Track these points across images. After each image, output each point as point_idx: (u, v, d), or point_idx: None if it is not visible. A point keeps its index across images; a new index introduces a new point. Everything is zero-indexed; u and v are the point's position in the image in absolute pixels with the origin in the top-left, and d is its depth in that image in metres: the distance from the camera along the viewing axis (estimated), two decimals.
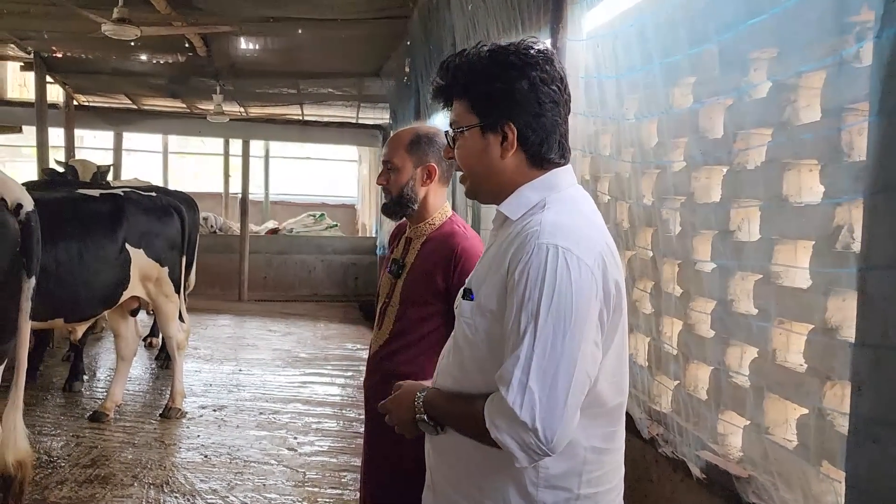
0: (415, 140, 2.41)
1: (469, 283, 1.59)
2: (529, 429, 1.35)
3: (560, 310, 1.38)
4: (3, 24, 7.52)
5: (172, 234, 5.45)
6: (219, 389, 6.50)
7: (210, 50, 8.39)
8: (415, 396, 1.63)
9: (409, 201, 2.40)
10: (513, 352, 1.39)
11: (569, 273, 1.39)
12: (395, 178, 2.40)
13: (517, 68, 1.51)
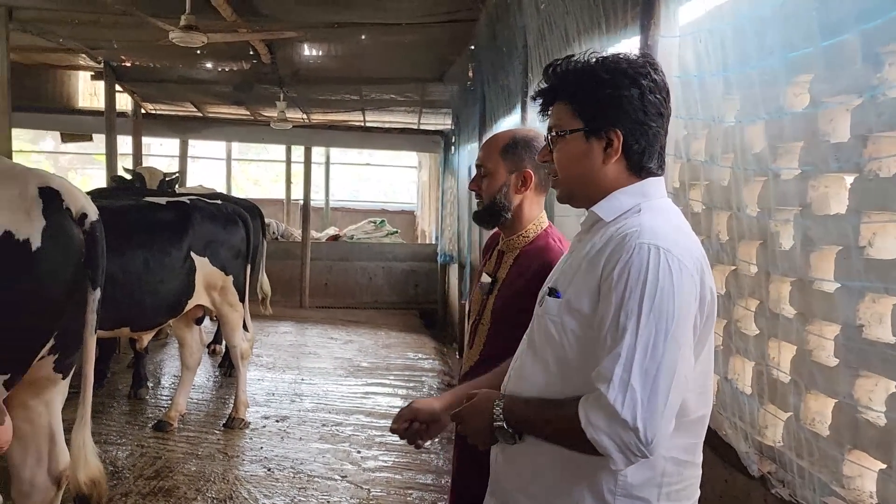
0: (511, 144, 2.26)
1: (554, 283, 1.60)
2: (630, 428, 1.33)
3: (662, 309, 1.38)
4: (75, 34, 7.65)
5: (237, 242, 5.39)
6: (281, 399, 6.43)
7: (274, 57, 8.39)
8: (492, 404, 1.60)
9: (501, 209, 2.25)
10: (612, 350, 1.38)
11: (670, 273, 1.40)
12: (487, 184, 2.26)
13: (628, 76, 1.53)
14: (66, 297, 2.75)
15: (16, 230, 2.58)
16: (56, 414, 3.00)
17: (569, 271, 1.58)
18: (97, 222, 2.82)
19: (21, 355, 2.69)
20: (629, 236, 1.45)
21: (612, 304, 1.41)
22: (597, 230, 1.58)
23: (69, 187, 2.80)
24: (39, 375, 2.85)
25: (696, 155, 2.85)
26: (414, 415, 1.90)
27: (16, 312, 2.61)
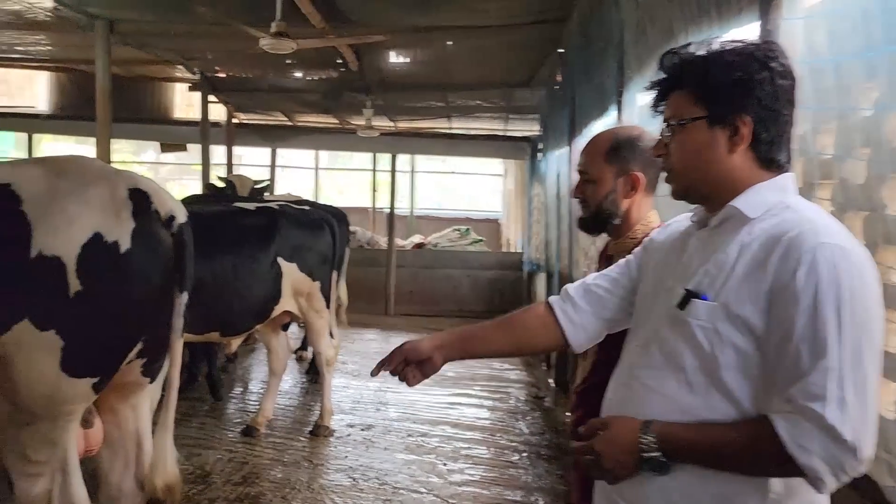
0: (615, 146, 2.12)
1: (696, 285, 1.43)
2: (849, 448, 1.23)
3: (861, 315, 1.28)
4: (172, 46, 7.87)
5: (324, 248, 5.35)
6: (366, 407, 6.36)
7: (362, 64, 8.40)
8: (636, 433, 1.42)
9: (609, 216, 2.11)
10: (814, 363, 1.26)
11: (861, 275, 1.30)
12: (593, 191, 2.13)
13: (757, 59, 1.43)
14: (154, 301, 2.71)
15: (105, 232, 2.56)
16: (144, 418, 2.97)
17: (715, 272, 1.42)
18: (185, 225, 2.77)
19: (110, 358, 2.66)
20: (802, 236, 1.32)
21: (800, 312, 1.28)
22: (735, 227, 1.44)
23: (157, 189, 2.76)
24: (127, 380, 2.83)
25: (824, 149, 2.56)
26: (406, 355, 1.82)
27: (105, 315, 2.58)
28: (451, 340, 1.83)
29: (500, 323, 1.85)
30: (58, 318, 2.50)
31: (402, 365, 1.82)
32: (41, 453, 2.60)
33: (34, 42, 8.23)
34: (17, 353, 2.47)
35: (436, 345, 1.82)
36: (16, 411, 2.53)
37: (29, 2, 6.47)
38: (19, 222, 2.49)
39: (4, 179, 2.57)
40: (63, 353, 2.52)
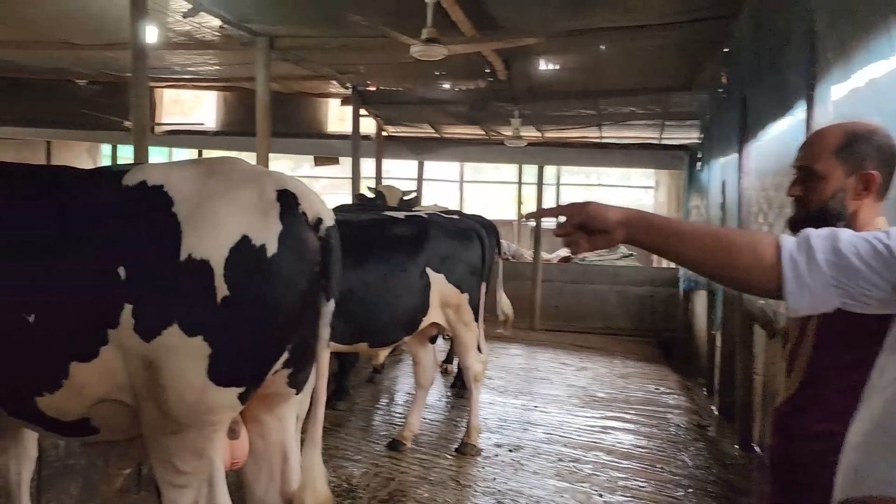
0: (848, 141, 1.85)
1: None
2: None
3: None
4: (327, 59, 8.03)
5: (473, 259, 5.14)
6: (514, 427, 6.07)
7: (510, 72, 8.19)
8: None
9: (834, 218, 1.81)
10: None
11: None
12: (817, 189, 1.87)
13: None
14: (300, 308, 2.57)
15: (253, 235, 2.45)
16: (289, 431, 2.85)
17: None
18: (333, 229, 2.62)
19: (256, 368, 2.55)
20: None
21: None
22: None
23: (306, 191, 2.63)
24: (272, 390, 2.71)
25: None
26: (584, 219, 1.49)
27: (251, 322, 2.47)
28: (643, 222, 1.50)
29: (707, 229, 1.56)
30: (205, 324, 2.42)
31: (574, 228, 1.51)
32: (188, 463, 2.52)
33: (203, 62, 8.70)
34: (166, 359, 2.41)
35: (623, 219, 1.50)
36: (164, 419, 2.47)
37: (198, 22, 6.78)
38: (170, 224, 2.43)
39: (157, 180, 2.53)
40: (210, 361, 2.43)
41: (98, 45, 7.65)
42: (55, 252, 2.52)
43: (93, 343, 2.46)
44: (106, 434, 2.72)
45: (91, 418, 2.63)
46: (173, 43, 7.51)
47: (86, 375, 2.50)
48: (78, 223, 2.54)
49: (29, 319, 2.52)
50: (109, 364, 2.48)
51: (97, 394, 2.54)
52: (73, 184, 2.75)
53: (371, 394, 6.97)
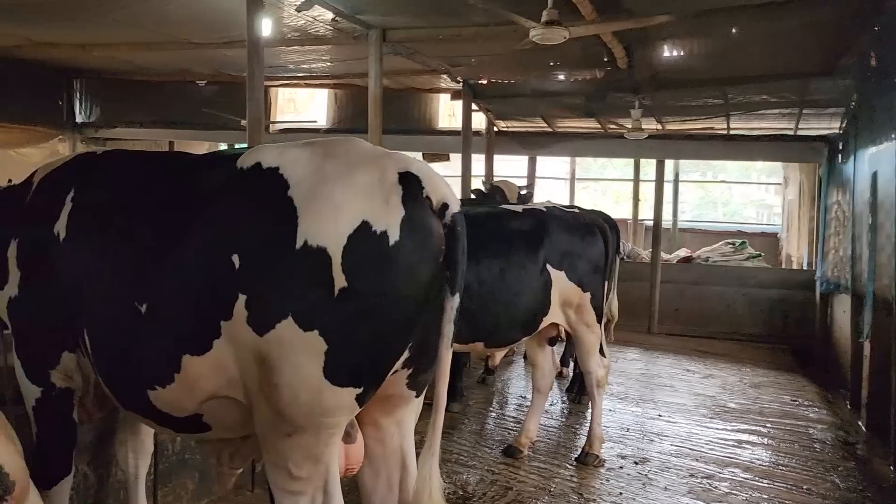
0: None
1: None
2: None
3: None
4: (439, 52, 7.83)
5: (595, 255, 4.78)
6: (638, 437, 5.65)
7: (631, 61, 7.72)
8: None
9: None
10: None
11: None
12: None
13: None
14: (422, 303, 2.33)
15: (373, 221, 2.23)
16: (408, 436, 2.63)
17: None
18: (459, 215, 2.36)
19: (375, 367, 2.33)
20: None
21: None
22: None
23: (430, 173, 2.39)
24: (392, 392, 2.49)
25: None
26: None
27: (370, 317, 2.24)
28: None
29: None
30: (322, 318, 2.21)
31: None
32: (303, 469, 2.33)
33: (316, 58, 8.72)
34: (281, 354, 2.22)
35: None
36: (278, 420, 2.28)
37: (312, 16, 6.74)
38: (286, 209, 2.25)
39: (273, 162, 2.35)
40: (326, 358, 2.22)
41: (216, 43, 7.78)
42: (167, 239, 2.40)
43: (205, 336, 2.31)
44: (218, 432, 2.59)
45: (203, 415, 2.49)
46: (287, 39, 7.52)
47: (198, 370, 2.36)
48: (191, 208, 2.41)
49: (141, 309, 2.41)
50: (222, 359, 2.32)
51: (209, 389, 2.40)
52: (186, 168, 2.64)
53: (483, 396, 6.71)
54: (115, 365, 2.60)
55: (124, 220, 2.57)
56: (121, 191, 2.66)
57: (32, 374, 2.87)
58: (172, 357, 2.38)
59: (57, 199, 2.77)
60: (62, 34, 8.09)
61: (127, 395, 2.63)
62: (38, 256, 2.76)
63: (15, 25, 7.56)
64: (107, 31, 7.80)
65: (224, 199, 2.36)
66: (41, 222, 2.77)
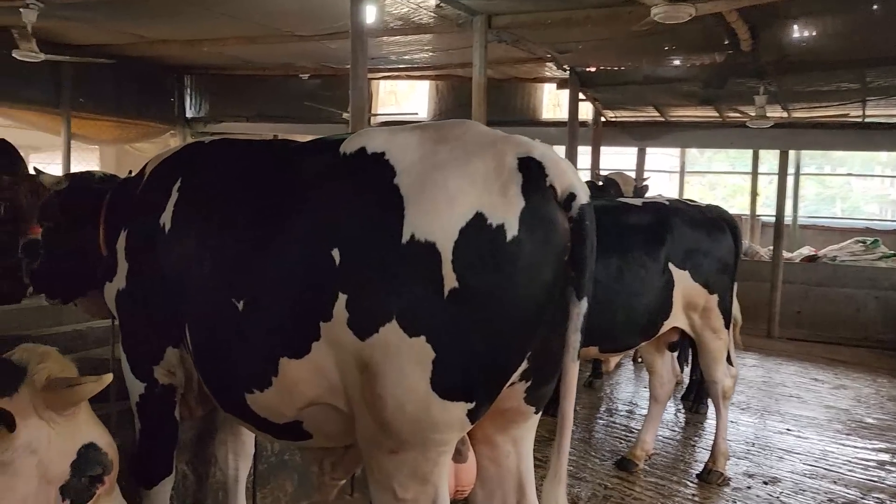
0: None
1: None
2: None
3: None
4: (546, 37, 7.49)
5: (724, 254, 4.33)
6: (765, 453, 5.14)
7: (756, 42, 7.12)
8: None
9: None
10: None
11: None
12: None
13: None
14: (544, 307, 2.04)
15: (489, 212, 1.95)
16: (526, 457, 2.34)
17: None
18: (587, 207, 2.05)
19: (489, 379, 2.05)
20: None
21: None
22: None
23: (555, 159, 2.08)
24: (508, 406, 2.21)
25: None
26: None
27: (484, 321, 1.97)
28: None
29: None
30: (429, 322, 1.95)
31: None
32: (409, 489, 2.08)
33: (418, 49, 8.55)
34: (383, 361, 1.98)
35: None
36: (382, 434, 2.05)
37: (415, 3, 6.55)
38: (392, 198, 2.00)
39: (379, 147, 2.11)
40: (434, 368, 1.96)
41: (320, 35, 7.72)
42: (266, 231, 2.21)
43: (305, 337, 2.10)
44: (319, 440, 2.39)
45: (303, 422, 2.29)
46: (390, 28, 7.36)
47: (297, 374, 2.15)
48: (291, 198, 2.21)
49: (238, 306, 2.23)
50: (322, 363, 2.11)
51: (309, 396, 2.19)
52: (289, 156, 2.44)
53: (590, 401, 6.33)
54: (213, 365, 2.45)
55: (223, 211, 2.41)
56: (223, 181, 2.50)
57: (136, 369, 2.78)
58: (270, 359, 2.19)
59: (164, 189, 2.66)
60: (172, 31, 8.25)
61: (225, 397, 2.48)
62: (145, 248, 2.66)
63: (128, 23, 7.76)
64: (215, 27, 7.89)
65: (325, 187, 2.14)
66: (148, 213, 2.67)
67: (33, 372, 1.92)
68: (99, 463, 1.97)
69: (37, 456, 1.87)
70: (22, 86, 8.98)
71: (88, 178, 3.32)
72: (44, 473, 1.88)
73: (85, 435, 1.97)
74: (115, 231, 2.85)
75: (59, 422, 1.91)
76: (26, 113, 9.45)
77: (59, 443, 1.91)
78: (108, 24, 7.78)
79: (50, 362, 1.96)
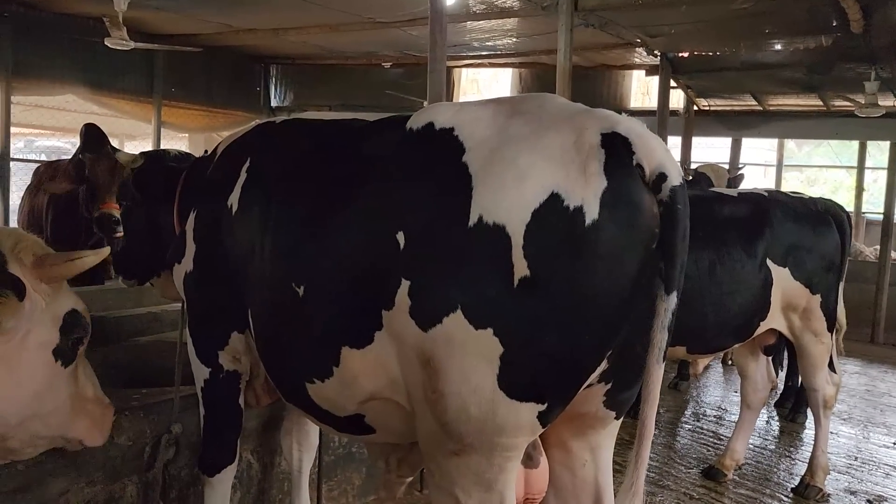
0: None
1: None
2: None
3: None
4: (636, 21, 7.13)
5: (830, 251, 3.95)
6: (868, 469, 4.71)
7: (868, 23, 6.56)
8: None
9: None
10: None
11: None
12: None
13: None
14: (627, 301, 1.82)
15: (566, 193, 1.74)
16: (605, 467, 2.12)
17: None
18: (680, 189, 1.81)
19: (563, 380, 1.85)
20: None
21: None
22: None
23: (644, 135, 1.85)
24: (584, 410, 2.00)
25: None
26: None
27: (559, 315, 1.77)
28: None
29: None
30: (497, 314, 1.77)
31: None
32: (472, 496, 1.90)
33: (501, 35, 8.33)
34: (447, 356, 1.81)
35: None
36: (445, 436, 1.88)
37: None
38: (459, 177, 1.82)
39: (448, 122, 1.93)
40: (502, 365, 1.78)
41: (400, 21, 7.62)
42: (329, 213, 2.07)
43: (367, 326, 1.96)
44: (383, 436, 2.24)
45: (365, 416, 2.15)
46: (472, 12, 7.17)
47: (358, 365, 2.01)
48: (356, 178, 2.06)
49: (299, 291, 2.11)
50: (384, 355, 1.96)
51: (369, 389, 2.05)
52: (358, 133, 2.29)
53: (676, 404, 6.00)
54: (274, 352, 2.34)
55: (287, 192, 2.29)
56: (290, 161, 2.38)
57: (202, 353, 2.71)
58: (331, 348, 2.05)
59: (233, 170, 2.57)
60: (258, 19, 8.32)
61: (287, 386, 2.37)
62: (212, 230, 2.59)
63: (214, 12, 7.85)
64: (299, 15, 7.91)
65: (390, 165, 1.99)
66: (217, 194, 2.59)
67: (16, 250, 2.08)
68: (80, 325, 2.21)
69: (33, 323, 2.06)
70: (118, 75, 9.27)
71: (163, 157, 3.30)
72: (40, 339, 2.10)
73: (67, 302, 2.19)
74: (187, 211, 2.79)
75: (49, 293, 2.11)
76: (121, 101, 9.76)
77: (49, 311, 2.12)
78: (195, 13, 7.91)
79: (25, 241, 2.13)
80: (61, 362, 2.16)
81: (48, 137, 13.08)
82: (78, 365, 2.26)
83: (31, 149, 12.64)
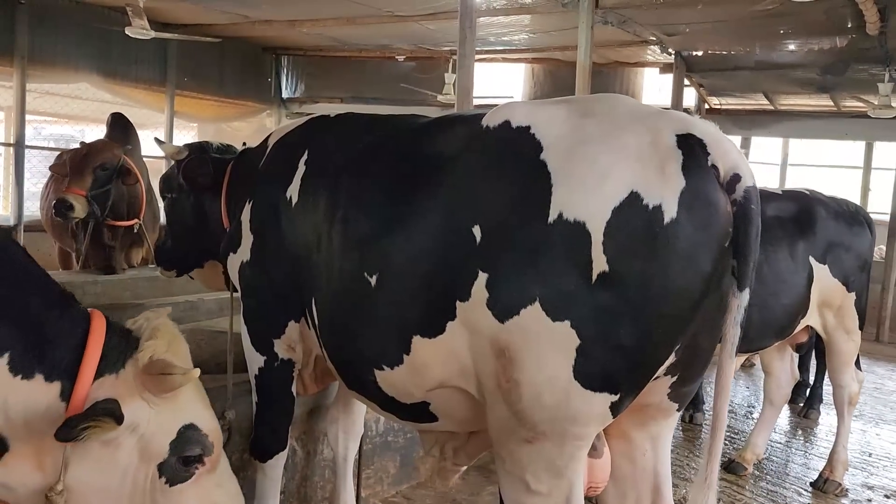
0: None
1: None
2: None
3: None
4: (654, 19, 7.17)
5: (865, 249, 4.05)
6: (885, 464, 4.81)
7: (885, 25, 6.62)
8: None
9: None
10: None
11: None
12: None
13: None
14: (700, 297, 1.89)
15: (645, 192, 1.81)
16: (664, 457, 2.20)
17: None
18: (753, 189, 1.89)
19: (635, 371, 1.92)
20: None
21: None
22: None
23: (718, 137, 1.92)
24: (649, 401, 2.07)
25: None
26: None
27: (634, 309, 1.84)
28: None
29: None
30: (575, 307, 1.84)
31: None
32: (543, 482, 1.97)
33: (517, 30, 8.36)
34: (524, 347, 1.88)
35: None
36: (516, 423, 1.95)
37: None
38: (538, 174, 1.89)
39: (524, 121, 2.00)
40: (577, 356, 1.85)
41: (419, 16, 7.63)
42: (403, 205, 2.13)
43: (439, 316, 2.02)
44: (446, 424, 2.31)
45: (431, 403, 2.22)
46: (493, 8, 7.21)
47: (429, 354, 2.08)
48: (430, 171, 2.12)
49: (371, 281, 2.17)
50: (455, 345, 2.02)
51: (438, 377, 2.11)
52: (423, 129, 2.36)
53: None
54: (341, 340, 2.39)
55: (355, 185, 2.35)
56: (353, 154, 2.44)
57: (257, 341, 2.78)
58: (402, 336, 2.12)
59: (291, 162, 2.64)
60: (276, 11, 8.32)
61: (352, 373, 2.43)
62: (270, 221, 2.65)
63: (233, 3, 7.86)
64: (317, 7, 7.91)
65: (467, 161, 2.05)
66: (275, 186, 2.65)
67: (141, 348, 1.89)
68: (198, 443, 1.93)
69: (137, 434, 1.85)
70: (132, 64, 9.27)
71: (207, 149, 3.33)
72: (143, 451, 1.87)
73: (186, 415, 1.93)
74: (240, 202, 2.84)
75: (159, 402, 1.88)
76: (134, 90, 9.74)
77: (159, 422, 1.88)
78: (214, 3, 7.91)
79: (158, 338, 1.92)
80: (166, 480, 1.90)
81: (58, 125, 13.05)
82: (204, 487, 1.96)
83: (40, 136, 12.61)
